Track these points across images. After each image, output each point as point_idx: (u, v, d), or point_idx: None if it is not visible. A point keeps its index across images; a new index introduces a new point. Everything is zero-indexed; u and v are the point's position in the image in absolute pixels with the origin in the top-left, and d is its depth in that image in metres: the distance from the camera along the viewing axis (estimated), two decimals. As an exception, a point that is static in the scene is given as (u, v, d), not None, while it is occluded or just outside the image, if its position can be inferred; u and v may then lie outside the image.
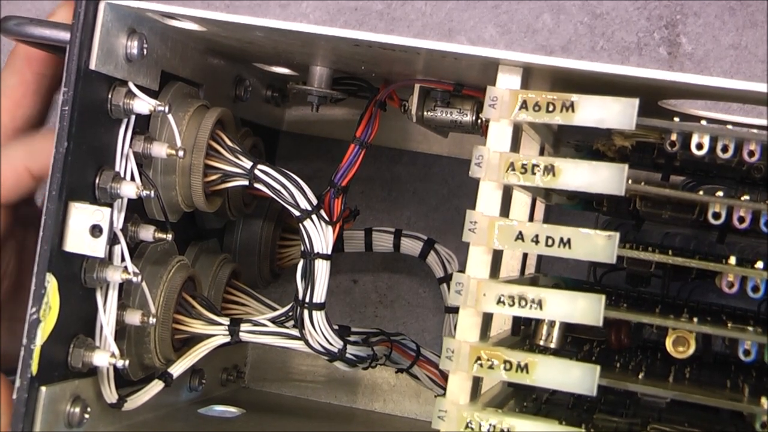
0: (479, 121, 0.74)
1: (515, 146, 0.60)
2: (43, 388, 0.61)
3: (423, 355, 0.83)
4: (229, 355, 0.89)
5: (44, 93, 0.70)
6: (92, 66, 0.61)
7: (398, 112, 0.76)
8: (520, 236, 0.58)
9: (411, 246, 0.87)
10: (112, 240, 0.63)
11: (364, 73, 0.75)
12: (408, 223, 0.95)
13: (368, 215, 0.95)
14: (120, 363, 0.64)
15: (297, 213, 0.70)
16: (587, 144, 0.76)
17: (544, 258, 0.85)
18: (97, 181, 0.63)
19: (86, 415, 0.64)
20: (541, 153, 0.74)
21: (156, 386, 0.71)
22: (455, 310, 0.85)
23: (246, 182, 0.70)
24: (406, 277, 0.96)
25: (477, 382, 0.61)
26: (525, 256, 0.80)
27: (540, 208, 0.81)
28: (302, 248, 0.71)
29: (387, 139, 0.92)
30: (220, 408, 0.83)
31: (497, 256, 0.61)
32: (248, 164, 0.70)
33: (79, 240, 0.61)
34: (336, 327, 0.75)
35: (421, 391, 0.90)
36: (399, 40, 0.59)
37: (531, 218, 0.76)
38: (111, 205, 0.63)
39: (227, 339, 0.72)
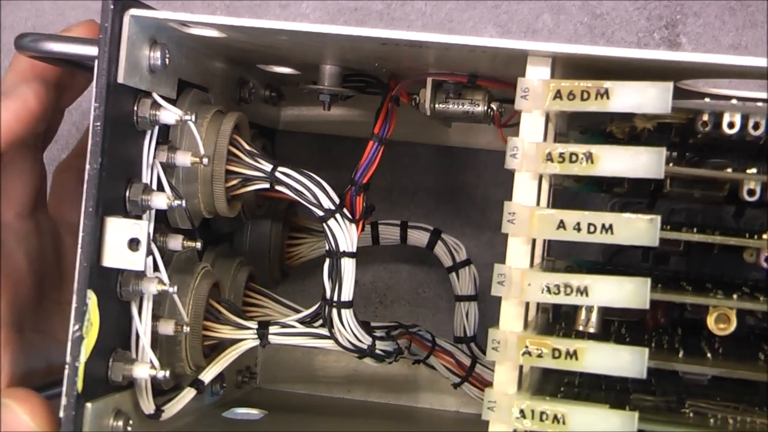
0: (490, 111, 0.74)
1: (548, 136, 0.61)
2: (89, 405, 0.61)
3: (438, 344, 0.83)
4: (242, 357, 0.89)
5: (50, 102, 0.70)
6: (120, 79, 0.61)
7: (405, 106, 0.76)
8: (561, 225, 0.58)
9: (418, 237, 0.87)
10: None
11: (374, 69, 0.76)
12: (410, 219, 0.96)
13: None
14: (161, 374, 0.64)
15: (320, 213, 0.70)
16: (592, 127, 0.77)
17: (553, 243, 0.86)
18: (127, 194, 0.63)
19: (129, 428, 0.64)
20: (555, 139, 0.74)
21: (189, 394, 0.71)
22: (466, 299, 0.86)
23: (267, 185, 0.70)
24: (406, 278, 0.96)
25: (521, 371, 0.62)
26: (534, 242, 0.81)
27: (545, 191, 0.82)
28: (327, 248, 0.71)
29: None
30: (241, 410, 0.83)
31: (533, 247, 0.61)
32: (268, 167, 0.70)
33: (117, 254, 0.61)
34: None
35: (435, 382, 0.90)
36: (429, 37, 0.60)
37: (549, 204, 0.76)
38: (141, 218, 0.63)
39: (256, 342, 0.72)
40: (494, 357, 0.60)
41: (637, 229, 0.57)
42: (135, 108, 0.63)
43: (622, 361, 0.57)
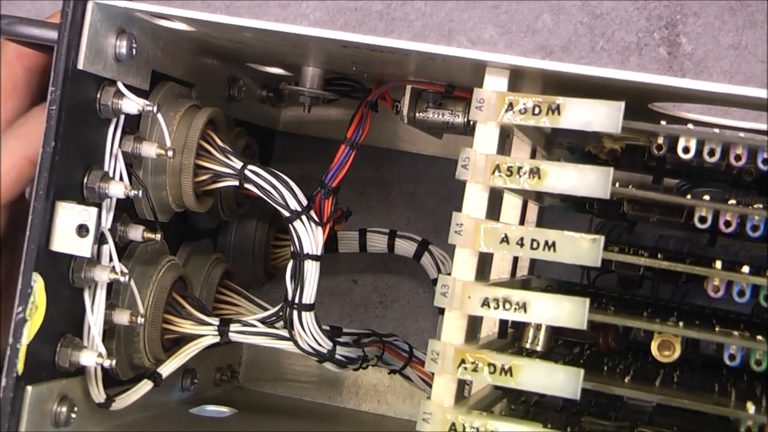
0: (471, 122, 0.74)
1: (502, 148, 0.60)
2: (29, 388, 0.61)
3: (415, 356, 0.83)
4: (224, 355, 0.89)
5: (34, 88, 0.70)
6: (80, 66, 0.61)
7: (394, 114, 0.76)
8: (505, 239, 0.58)
9: (405, 247, 0.87)
10: (100, 240, 0.64)
11: (357, 73, 0.75)
12: (407, 223, 0.95)
13: (366, 216, 0.95)
14: (107, 363, 0.64)
15: (287, 214, 0.70)
16: (580, 146, 0.76)
17: (539, 260, 0.85)
18: (85, 180, 0.63)
19: (73, 415, 0.64)
20: (533, 156, 0.73)
21: (145, 386, 0.70)
22: (449, 312, 0.85)
23: (236, 183, 0.70)
24: (406, 278, 0.96)
25: (462, 384, 0.61)
26: (516, 258, 0.80)
27: (533, 210, 0.81)
28: (291, 249, 0.71)
29: (385, 140, 0.92)
30: (212, 408, 0.83)
31: (484, 259, 0.60)
32: (238, 164, 0.69)
33: (65, 240, 0.61)
34: (327, 328, 0.75)
35: (415, 393, 0.89)
36: (383, 41, 0.59)
37: (522, 221, 0.75)
38: (99, 205, 0.63)
39: (216, 339, 0.72)
40: (433, 368, 0.59)
41: (579, 248, 0.56)
42: (98, 95, 0.63)
43: (557, 380, 0.56)
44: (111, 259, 0.65)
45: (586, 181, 0.56)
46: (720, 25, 0.89)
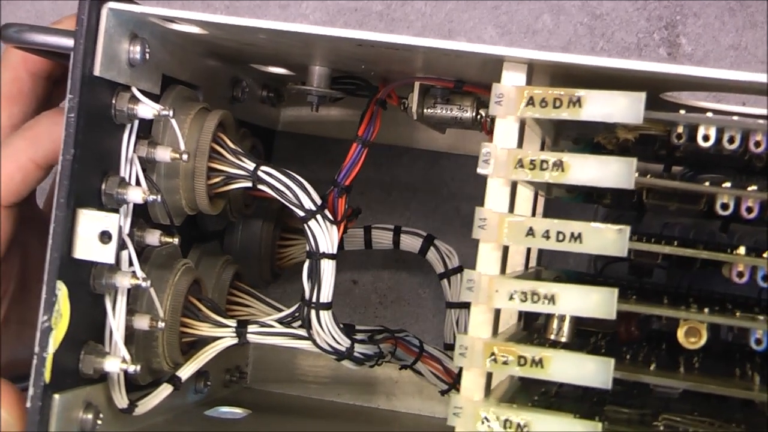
0: (479, 117, 0.74)
1: (521, 142, 0.60)
2: (57, 396, 0.61)
3: (426, 351, 0.83)
4: (231, 356, 0.89)
5: (40, 94, 0.70)
6: (96, 72, 0.61)
7: (397, 110, 0.76)
8: (530, 232, 0.58)
9: (410, 243, 0.87)
10: (120, 245, 0.63)
11: (363, 72, 0.75)
12: (407, 224, 0.95)
13: (366, 216, 0.95)
14: (132, 368, 0.64)
15: (301, 213, 0.70)
16: (585, 137, 0.77)
17: (545, 251, 0.86)
18: (103, 187, 0.63)
19: (99, 421, 0.64)
20: (542, 147, 0.74)
21: (165, 390, 0.71)
22: (457, 306, 0.86)
23: (249, 184, 0.70)
24: (406, 278, 0.96)
25: (490, 378, 0.61)
26: (528, 250, 0.80)
27: (540, 201, 0.81)
28: (307, 248, 0.71)
29: (387, 136, 0.92)
30: (225, 409, 0.83)
31: (506, 253, 0.61)
32: (251, 166, 0.70)
33: (88, 247, 0.61)
34: (341, 326, 0.75)
35: (423, 387, 0.90)
36: (402, 39, 0.59)
37: (534, 212, 0.76)
38: (117, 211, 0.63)
39: (235, 341, 0.72)
40: (462, 363, 0.60)
41: (605, 239, 0.56)
42: (113, 101, 0.63)
43: (587, 370, 0.57)
44: (131, 264, 0.65)
45: (610, 171, 0.56)
46: (720, 25, 0.90)
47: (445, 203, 0.95)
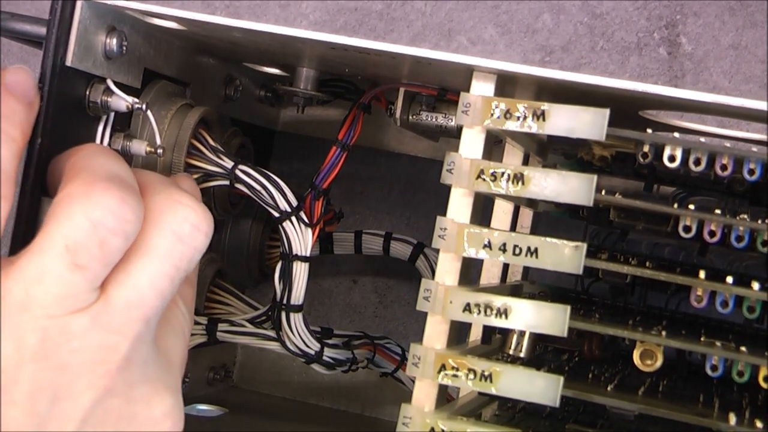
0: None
1: (489, 153, 0.60)
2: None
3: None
4: (217, 355, 0.89)
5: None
6: (68, 62, 0.61)
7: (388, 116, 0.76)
8: (488, 244, 0.57)
9: (400, 249, 0.87)
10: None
11: (351, 76, 0.75)
12: (407, 224, 0.95)
13: (366, 216, 0.95)
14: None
15: (276, 214, 0.70)
16: (574, 153, 0.76)
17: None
18: (74, 177, 0.63)
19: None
20: (526, 162, 0.73)
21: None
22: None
23: (227, 182, 0.70)
24: (406, 278, 0.96)
25: (443, 389, 0.61)
26: (507, 264, 0.80)
27: (528, 215, 0.81)
28: (281, 249, 0.71)
29: (383, 141, 0.92)
30: (202, 407, 0.83)
31: (468, 264, 0.60)
32: (229, 164, 0.69)
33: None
34: (317, 329, 0.75)
35: (408, 395, 0.89)
36: (367, 43, 0.59)
37: (513, 226, 0.75)
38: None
39: (204, 338, 0.72)
40: (414, 372, 0.59)
41: (561, 255, 0.56)
42: (87, 92, 0.63)
43: (536, 387, 0.56)
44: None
45: (570, 187, 0.56)
46: (720, 25, 0.89)
47: (445, 204, 0.94)
